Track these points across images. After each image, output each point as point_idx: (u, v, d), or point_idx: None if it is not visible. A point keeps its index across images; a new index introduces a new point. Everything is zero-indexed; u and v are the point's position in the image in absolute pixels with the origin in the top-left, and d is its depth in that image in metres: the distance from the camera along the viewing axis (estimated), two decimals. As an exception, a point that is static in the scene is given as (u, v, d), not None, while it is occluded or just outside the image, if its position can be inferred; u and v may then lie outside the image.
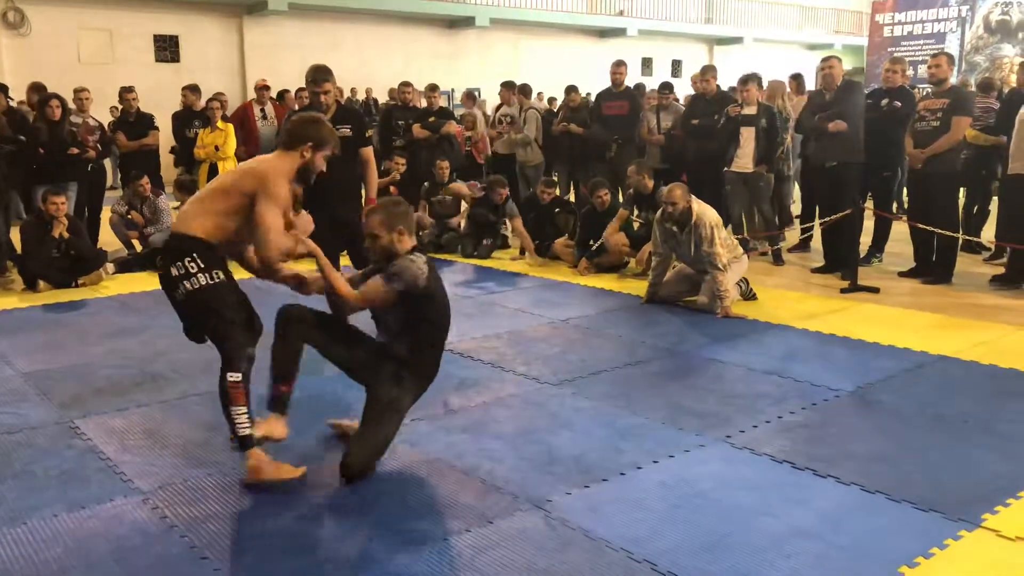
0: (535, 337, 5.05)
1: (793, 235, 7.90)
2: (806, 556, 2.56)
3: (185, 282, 3.03)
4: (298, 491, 3.04)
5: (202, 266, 3.04)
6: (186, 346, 3.76)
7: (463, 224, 8.22)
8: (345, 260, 5.03)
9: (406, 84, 9.39)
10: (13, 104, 7.67)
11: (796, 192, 8.25)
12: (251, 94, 13.48)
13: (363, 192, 5.02)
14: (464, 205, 8.55)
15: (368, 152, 4.88)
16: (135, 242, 7.78)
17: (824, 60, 6.88)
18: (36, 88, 8.29)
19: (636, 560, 2.55)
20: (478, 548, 2.63)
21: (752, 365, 4.43)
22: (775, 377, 4.23)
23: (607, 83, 8.77)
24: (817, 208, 7.29)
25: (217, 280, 3.06)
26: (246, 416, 3.03)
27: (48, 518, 2.85)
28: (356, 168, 4.81)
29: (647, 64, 23.67)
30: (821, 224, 6.83)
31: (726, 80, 10.00)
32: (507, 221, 7.87)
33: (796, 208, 8.18)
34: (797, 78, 9.24)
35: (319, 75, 4.61)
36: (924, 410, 3.76)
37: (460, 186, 8.29)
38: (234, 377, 3.05)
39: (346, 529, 2.78)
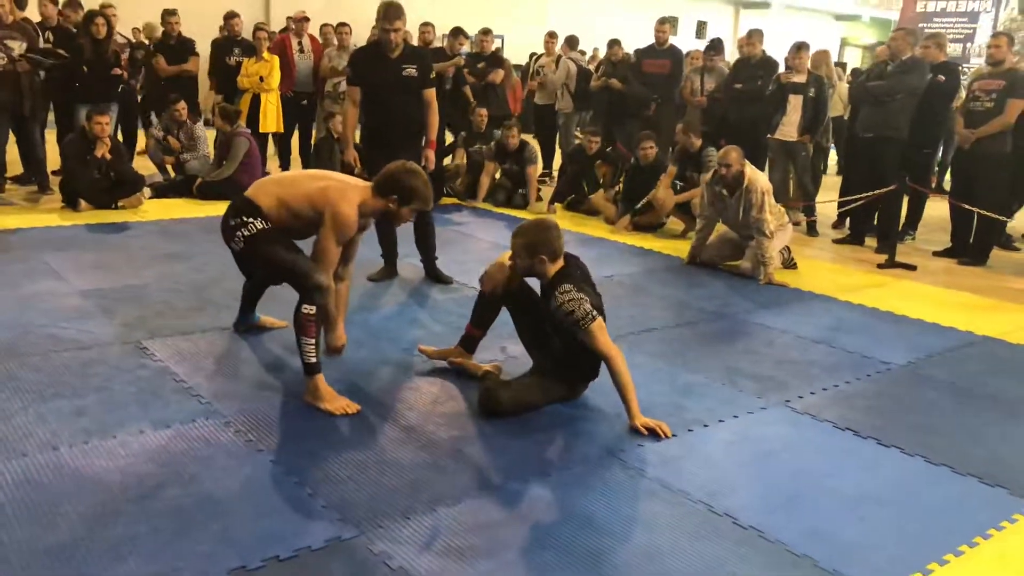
0: (582, 291, 5.08)
1: (830, 209, 7.89)
2: (881, 520, 2.63)
3: (242, 230, 3.27)
4: (384, 422, 3.11)
5: (257, 219, 3.27)
6: (239, 275, 3.85)
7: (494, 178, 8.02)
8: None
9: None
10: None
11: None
12: (274, 25, 13.28)
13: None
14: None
15: (431, 94, 4.84)
16: (169, 167, 7.75)
17: (896, 30, 6.83)
18: (71, 3, 8.12)
19: (717, 513, 2.62)
20: (560, 492, 2.70)
21: (800, 333, 4.49)
22: (824, 346, 4.29)
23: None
24: (852, 183, 7.27)
25: (270, 227, 3.28)
26: (313, 346, 3.16)
27: (135, 434, 2.90)
28: (420, 108, 4.78)
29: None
30: (864, 198, 6.82)
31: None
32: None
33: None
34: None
35: (391, 12, 4.54)
36: (976, 388, 3.83)
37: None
38: (308, 309, 3.16)
39: (429, 463, 2.83)
